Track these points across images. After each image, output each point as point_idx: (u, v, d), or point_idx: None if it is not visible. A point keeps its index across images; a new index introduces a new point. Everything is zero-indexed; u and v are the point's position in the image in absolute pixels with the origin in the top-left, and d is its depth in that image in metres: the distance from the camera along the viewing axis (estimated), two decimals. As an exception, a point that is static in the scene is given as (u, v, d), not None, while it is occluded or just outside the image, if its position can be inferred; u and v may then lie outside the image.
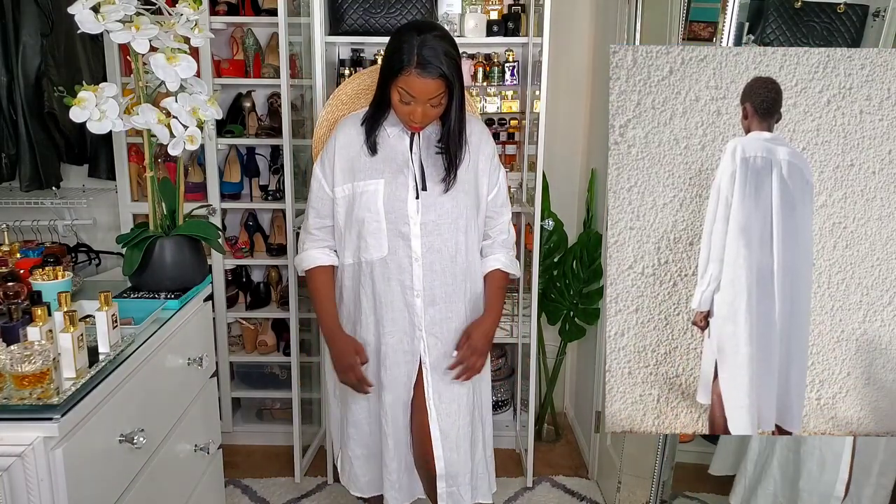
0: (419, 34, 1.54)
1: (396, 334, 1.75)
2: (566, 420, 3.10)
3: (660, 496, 1.74)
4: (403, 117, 1.63)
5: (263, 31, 2.70)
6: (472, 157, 1.73)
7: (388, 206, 1.67)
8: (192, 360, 1.69)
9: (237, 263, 2.77)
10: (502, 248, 1.83)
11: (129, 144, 2.58)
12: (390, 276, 1.71)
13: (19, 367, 1.17)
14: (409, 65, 1.53)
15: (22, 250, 1.73)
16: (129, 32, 1.49)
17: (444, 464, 1.75)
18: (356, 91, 1.89)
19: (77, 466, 1.18)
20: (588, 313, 2.71)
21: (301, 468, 2.59)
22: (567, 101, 2.90)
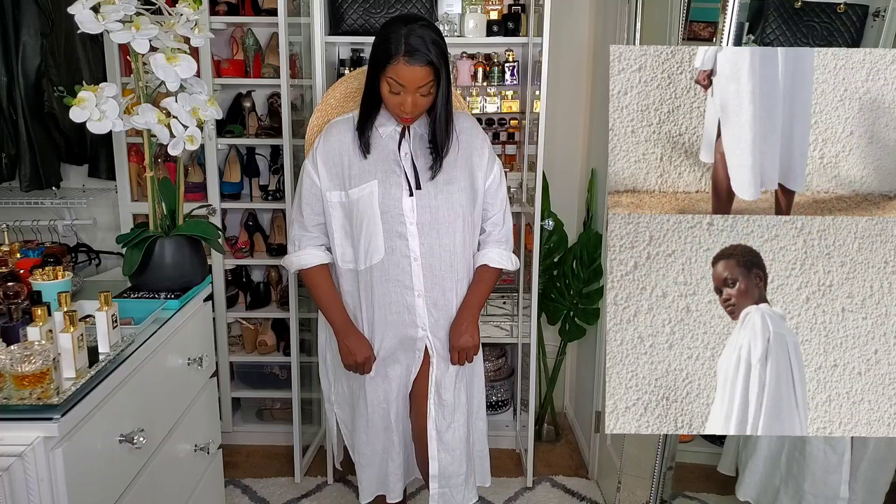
0: (405, 25, 1.56)
1: (396, 337, 1.75)
2: (566, 420, 3.11)
3: (660, 496, 1.74)
4: (394, 109, 1.63)
5: (263, 31, 2.70)
6: (462, 151, 1.73)
7: (384, 206, 1.67)
8: (192, 360, 1.69)
9: (237, 263, 2.77)
10: (496, 243, 1.81)
11: (129, 144, 2.58)
12: (388, 278, 1.70)
13: (19, 367, 1.17)
14: (398, 54, 1.55)
15: (22, 250, 1.73)
16: (129, 32, 1.49)
17: (439, 465, 1.77)
18: (345, 94, 1.89)
19: (77, 466, 1.18)
20: (588, 313, 2.71)
21: (301, 468, 2.60)
22: (567, 101, 2.90)
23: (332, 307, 1.77)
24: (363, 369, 1.75)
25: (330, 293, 1.77)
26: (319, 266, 1.77)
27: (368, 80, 1.65)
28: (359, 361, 1.74)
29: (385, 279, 1.70)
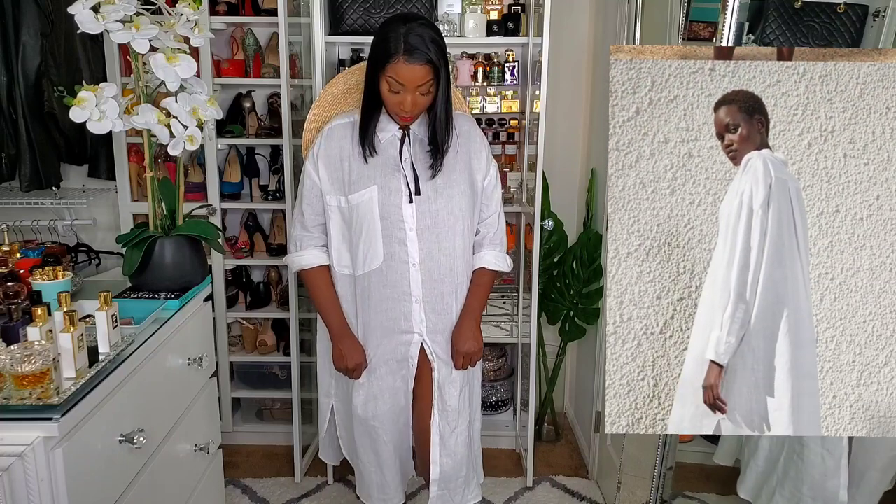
0: (405, 23, 1.56)
1: (389, 344, 1.75)
2: (566, 420, 3.10)
3: (660, 496, 1.74)
4: (393, 108, 1.62)
5: (263, 31, 2.70)
6: (462, 153, 1.73)
7: (384, 212, 1.66)
8: (192, 360, 1.69)
9: (237, 263, 2.77)
10: (491, 244, 1.82)
11: (129, 144, 2.58)
12: (386, 284, 1.70)
13: (19, 367, 1.17)
14: (397, 52, 1.54)
15: (22, 250, 1.73)
16: (129, 32, 1.49)
17: (440, 469, 1.78)
18: (344, 90, 1.88)
19: (77, 466, 1.18)
20: (588, 313, 2.71)
21: (301, 468, 2.59)
22: (567, 101, 2.90)
23: (329, 309, 1.78)
24: (353, 375, 1.76)
25: (328, 295, 1.77)
26: (319, 267, 1.77)
27: (368, 80, 1.65)
28: (349, 367, 1.75)
29: (383, 285, 1.70)
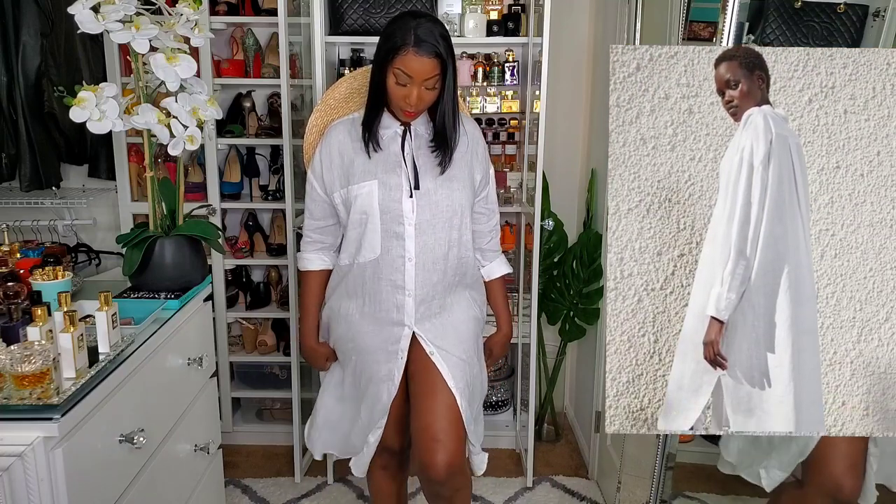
0: (414, 18, 1.59)
1: (382, 333, 1.75)
2: (566, 420, 3.10)
3: (660, 496, 1.74)
4: (398, 101, 1.63)
5: (263, 31, 2.70)
6: (465, 151, 1.75)
7: (384, 207, 1.68)
8: (192, 360, 1.69)
9: (237, 263, 2.77)
10: (494, 253, 1.90)
11: (129, 144, 2.58)
12: (381, 276, 1.72)
13: (19, 367, 1.17)
14: (406, 44, 1.56)
15: (22, 250, 1.73)
16: (129, 32, 1.49)
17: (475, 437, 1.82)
18: (346, 94, 1.89)
19: (77, 466, 1.18)
20: (588, 313, 2.71)
21: (301, 468, 2.59)
22: (567, 101, 2.90)
23: (307, 311, 1.88)
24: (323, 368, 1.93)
25: (312, 300, 1.87)
26: (315, 271, 1.85)
27: (373, 77, 1.66)
28: (313, 366, 1.95)
29: (378, 277, 1.72)
